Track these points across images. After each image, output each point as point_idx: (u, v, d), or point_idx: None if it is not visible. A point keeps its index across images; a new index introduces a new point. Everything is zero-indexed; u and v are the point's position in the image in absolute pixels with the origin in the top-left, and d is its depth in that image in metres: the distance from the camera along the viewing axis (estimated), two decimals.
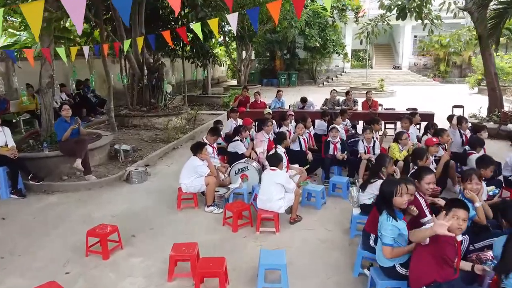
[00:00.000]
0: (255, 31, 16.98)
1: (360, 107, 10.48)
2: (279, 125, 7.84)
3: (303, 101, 10.51)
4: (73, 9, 3.38)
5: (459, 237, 3.02)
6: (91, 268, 3.99)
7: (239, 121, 8.36)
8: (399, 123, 8.78)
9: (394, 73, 27.25)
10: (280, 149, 5.76)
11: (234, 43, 22.87)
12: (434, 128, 6.81)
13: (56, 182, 6.42)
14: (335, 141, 6.65)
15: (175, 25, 12.75)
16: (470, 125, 7.30)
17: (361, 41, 12.63)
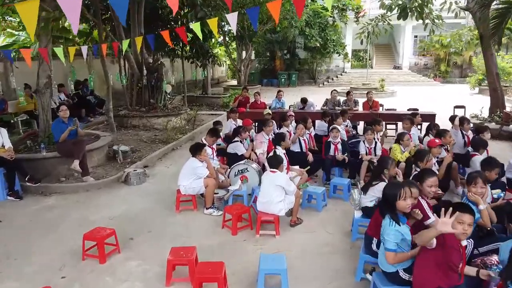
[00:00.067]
0: (255, 31, 16.91)
1: (361, 108, 10.40)
2: (279, 126, 7.76)
3: (304, 101, 10.43)
4: (69, 9, 3.33)
5: (464, 242, 2.95)
6: (88, 272, 3.92)
7: (239, 121, 8.28)
8: (400, 124, 8.72)
9: (394, 73, 27.15)
10: (279, 150, 5.68)
11: (234, 43, 22.79)
12: (436, 129, 6.74)
13: (53, 183, 6.35)
14: (336, 142, 6.58)
15: (174, 25, 12.67)
16: (472, 125, 7.22)
17: (362, 41, 12.55)
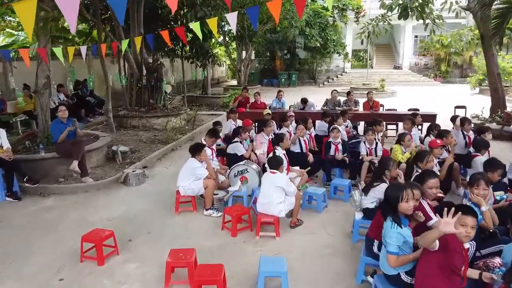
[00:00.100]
0: (255, 30, 16.86)
1: (361, 108, 10.36)
2: (279, 126, 7.72)
3: (304, 102, 10.40)
4: (67, 8, 3.30)
5: (466, 245, 2.91)
6: (86, 274, 3.88)
7: (239, 122, 8.24)
8: (400, 124, 8.67)
9: (394, 73, 27.10)
10: (279, 151, 5.64)
11: (234, 43, 22.74)
12: (437, 129, 6.69)
13: (52, 184, 6.31)
14: (337, 142, 6.53)
15: (174, 25, 12.63)
16: (472, 126, 7.18)
17: (362, 41, 12.50)
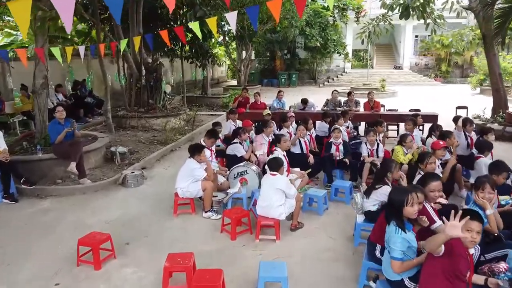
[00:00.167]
0: (255, 30, 16.77)
1: (362, 108, 10.28)
2: (279, 127, 7.64)
3: (304, 102, 10.31)
4: (63, 8, 3.24)
5: (471, 250, 2.84)
6: (82, 279, 3.80)
7: (239, 122, 8.16)
8: (401, 125, 8.59)
9: (395, 73, 27.01)
10: (279, 152, 5.57)
11: (234, 43, 22.65)
12: (439, 130, 6.62)
13: (49, 186, 6.23)
14: (338, 143, 6.45)
15: (173, 25, 12.55)
16: (474, 127, 7.10)
17: (363, 41, 12.43)
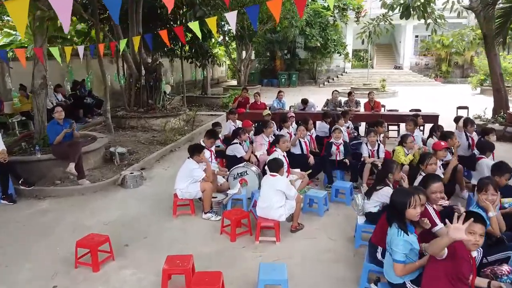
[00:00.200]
0: (255, 30, 16.73)
1: (362, 108, 10.23)
2: (279, 127, 7.60)
3: (304, 102, 10.27)
4: (60, 7, 3.22)
5: (474, 252, 2.80)
6: (80, 281, 3.76)
7: (238, 123, 8.12)
8: (402, 125, 8.55)
9: (395, 73, 26.97)
10: (278, 152, 5.53)
11: (233, 43, 22.61)
12: (440, 130, 6.58)
13: (48, 187, 6.19)
14: (338, 143, 6.41)
15: (173, 25, 12.51)
16: (475, 127, 7.05)
17: (363, 41, 12.39)
